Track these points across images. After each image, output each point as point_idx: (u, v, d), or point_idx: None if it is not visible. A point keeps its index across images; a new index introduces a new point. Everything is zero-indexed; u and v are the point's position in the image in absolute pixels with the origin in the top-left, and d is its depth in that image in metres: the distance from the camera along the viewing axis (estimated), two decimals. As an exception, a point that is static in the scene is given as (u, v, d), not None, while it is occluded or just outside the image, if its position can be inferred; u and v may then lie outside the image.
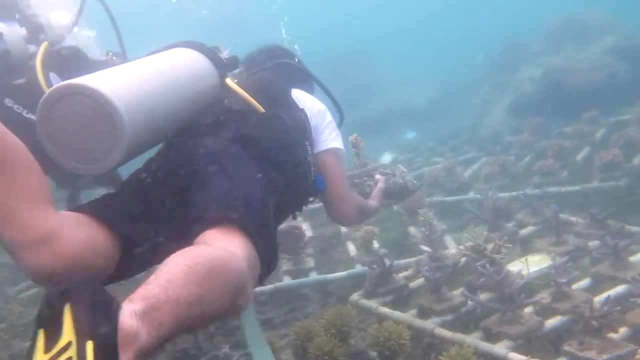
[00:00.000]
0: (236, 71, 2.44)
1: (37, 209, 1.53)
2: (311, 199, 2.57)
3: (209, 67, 2.19)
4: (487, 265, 3.04)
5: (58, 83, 1.75)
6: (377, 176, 3.15)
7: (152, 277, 1.26)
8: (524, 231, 4.33)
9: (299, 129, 2.38)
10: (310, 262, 4.58)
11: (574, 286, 3.21)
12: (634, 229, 3.94)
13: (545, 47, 9.81)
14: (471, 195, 5.76)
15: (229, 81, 2.27)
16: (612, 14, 9.69)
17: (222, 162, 1.92)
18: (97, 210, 1.80)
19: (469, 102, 10.82)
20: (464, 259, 3.59)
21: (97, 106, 1.64)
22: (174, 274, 1.28)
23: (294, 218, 2.59)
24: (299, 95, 2.56)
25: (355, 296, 3.79)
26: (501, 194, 5.35)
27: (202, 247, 1.49)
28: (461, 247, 3.68)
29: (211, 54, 2.23)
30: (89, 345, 0.99)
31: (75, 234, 1.63)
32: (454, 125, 10.74)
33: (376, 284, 3.76)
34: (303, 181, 2.36)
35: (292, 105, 2.46)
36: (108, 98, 1.63)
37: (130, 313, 1.11)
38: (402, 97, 14.73)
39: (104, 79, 1.73)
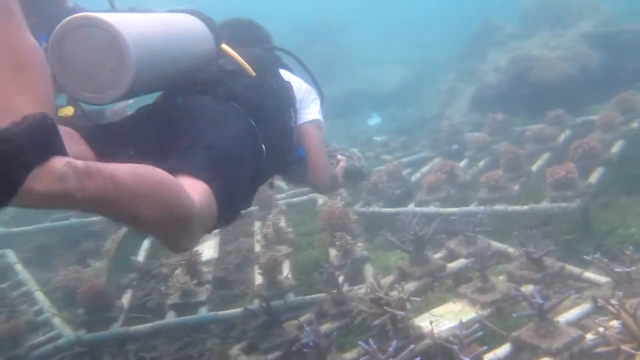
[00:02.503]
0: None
1: (33, 100, 1.54)
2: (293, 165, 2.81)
3: (206, 32, 2.41)
4: (371, 341, 2.47)
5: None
6: (339, 156, 3.35)
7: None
8: (453, 266, 3.78)
9: (285, 96, 2.66)
10: (202, 295, 4.00)
11: (488, 356, 2.67)
12: (574, 270, 3.43)
13: (519, 30, 9.19)
14: (410, 207, 5.19)
15: (225, 46, 2.50)
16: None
17: (209, 115, 2.13)
18: (88, 133, 2.01)
19: (440, 86, 10.21)
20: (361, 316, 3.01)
21: (109, 38, 1.83)
22: (124, 166, 1.44)
23: (271, 187, 2.99)
24: (285, 73, 2.85)
25: (235, 350, 3.23)
26: (440, 209, 4.87)
27: (163, 171, 1.60)
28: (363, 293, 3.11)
29: (209, 21, 2.46)
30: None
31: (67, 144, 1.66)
32: (420, 112, 10.18)
33: (260, 336, 3.20)
34: (286, 144, 2.62)
35: (279, 76, 2.74)
36: (120, 32, 1.83)
37: (67, 161, 1.25)
38: (371, 77, 14.09)
39: (117, 17, 1.91)
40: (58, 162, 1.23)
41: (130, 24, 1.92)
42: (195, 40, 2.34)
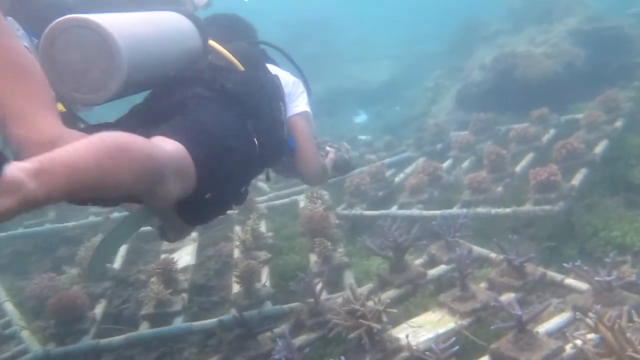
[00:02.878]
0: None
1: (49, 116, 1.65)
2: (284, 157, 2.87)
3: (192, 29, 2.43)
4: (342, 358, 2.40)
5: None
6: (328, 148, 3.41)
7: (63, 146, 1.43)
8: (434, 272, 3.73)
9: (274, 90, 2.72)
10: (177, 304, 3.91)
11: (466, 370, 2.62)
12: (556, 277, 3.38)
13: (506, 26, 9.14)
14: (393, 210, 5.13)
15: (212, 42, 2.53)
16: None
17: (200, 102, 2.19)
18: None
19: (426, 83, 10.13)
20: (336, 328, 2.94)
21: (100, 40, 1.87)
22: (81, 143, 1.45)
23: (268, 179, 3.15)
24: (272, 67, 2.88)
25: (207, 365, 3.16)
26: (423, 212, 4.82)
27: (120, 133, 1.61)
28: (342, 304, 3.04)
29: (194, 18, 2.48)
30: None
31: None
32: (407, 110, 10.12)
33: (234, 349, 3.12)
34: (277, 137, 2.66)
35: (266, 70, 2.77)
36: (110, 33, 1.86)
37: (19, 168, 1.27)
38: (358, 74, 13.99)
39: (107, 18, 1.93)
40: (10, 170, 1.25)
41: (119, 25, 1.96)
42: (182, 38, 2.37)
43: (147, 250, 5.67)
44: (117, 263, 4.88)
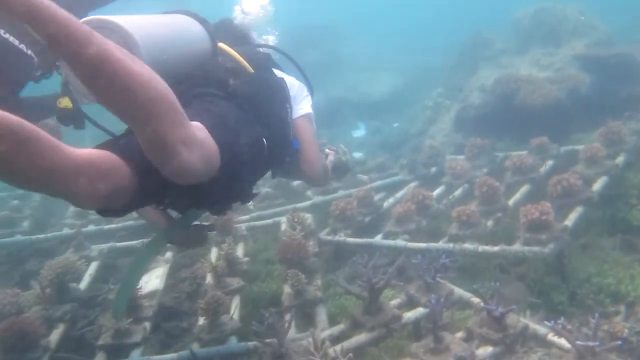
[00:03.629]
0: None
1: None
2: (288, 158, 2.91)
3: (202, 32, 2.51)
4: None
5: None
6: (327, 150, 3.50)
7: None
8: (410, 315, 3.53)
9: (281, 92, 2.79)
10: (137, 335, 3.72)
11: None
12: (539, 330, 3.18)
13: (511, 45, 8.94)
14: (377, 239, 4.93)
15: (222, 45, 2.61)
16: (590, 10, 8.83)
17: (212, 102, 2.27)
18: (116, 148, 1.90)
19: (426, 101, 9.93)
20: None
21: (120, 40, 1.91)
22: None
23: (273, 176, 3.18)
24: (277, 72, 2.92)
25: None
26: (408, 244, 4.61)
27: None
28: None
29: (204, 22, 2.55)
30: None
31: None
32: (406, 126, 9.93)
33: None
34: (283, 138, 2.73)
35: (273, 73, 2.84)
36: (130, 34, 1.95)
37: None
38: (360, 85, 13.81)
39: (126, 19, 2.01)
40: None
41: (137, 26, 2.04)
42: (194, 40, 2.45)
43: (121, 266, 5.50)
44: (84, 282, 4.69)
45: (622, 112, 6.40)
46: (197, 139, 1.82)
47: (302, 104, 3.01)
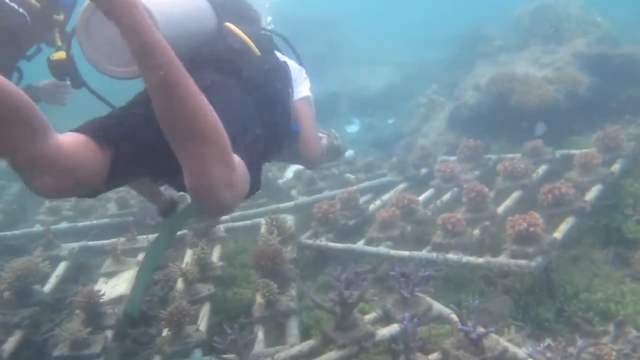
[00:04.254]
0: None
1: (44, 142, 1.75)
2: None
3: (210, 9, 2.52)
4: None
5: None
6: (320, 134, 3.44)
7: None
8: (385, 332, 3.36)
9: (285, 75, 2.80)
10: (96, 345, 3.54)
11: None
12: (519, 354, 3.00)
13: (510, 42, 8.71)
14: (359, 245, 4.76)
15: (230, 24, 2.58)
16: (593, 7, 8.59)
17: (224, 92, 2.25)
18: (101, 131, 1.99)
19: (420, 98, 9.71)
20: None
21: None
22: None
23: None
24: (278, 54, 2.93)
25: None
26: (390, 252, 4.44)
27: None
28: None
29: (214, 2, 2.55)
30: None
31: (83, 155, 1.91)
32: (400, 123, 9.72)
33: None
34: (285, 123, 2.76)
35: (276, 56, 2.85)
36: (150, 11, 1.96)
37: None
38: (357, 78, 13.58)
39: None
40: None
41: (155, 2, 2.05)
42: (203, 18, 2.45)
43: (94, 266, 5.34)
44: (50, 283, 4.52)
45: (622, 115, 6.21)
46: (239, 181, 1.91)
47: (302, 87, 3.06)
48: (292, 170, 7.26)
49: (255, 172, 2.14)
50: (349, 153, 8.30)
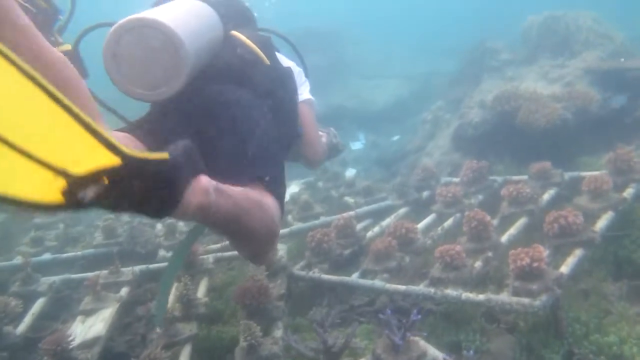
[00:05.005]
0: None
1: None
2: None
3: (216, 18, 2.47)
4: None
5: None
6: (320, 132, 3.44)
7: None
8: (371, 384, 3.11)
9: (292, 82, 2.80)
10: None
11: None
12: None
13: (518, 55, 8.46)
14: (354, 278, 4.52)
15: (236, 33, 2.55)
16: (606, 18, 8.32)
17: (246, 110, 2.28)
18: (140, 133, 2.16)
19: (425, 114, 9.47)
20: None
21: (166, 39, 2.01)
22: (236, 189, 1.79)
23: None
24: (280, 56, 2.89)
25: None
26: (386, 286, 4.20)
27: (256, 191, 1.96)
28: None
29: (217, 7, 2.49)
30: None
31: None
32: (407, 139, 9.49)
33: None
34: (293, 129, 2.78)
35: (280, 61, 2.81)
36: (177, 33, 2.01)
37: (208, 179, 1.55)
38: (364, 92, 13.39)
39: (168, 15, 2.07)
40: (204, 179, 1.50)
41: (178, 22, 2.06)
42: (213, 28, 2.43)
43: (78, 300, 5.15)
44: (24, 323, 4.33)
45: (636, 134, 5.93)
46: (278, 228, 2.04)
47: (302, 89, 3.10)
48: (289, 193, 7.06)
49: (282, 198, 2.20)
50: (351, 172, 8.10)
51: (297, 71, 3.06)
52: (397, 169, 8.02)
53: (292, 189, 7.28)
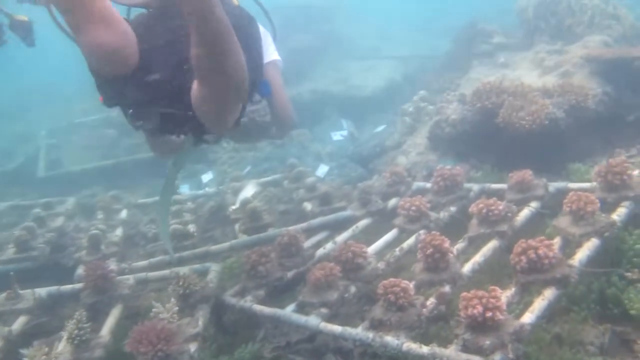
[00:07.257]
0: None
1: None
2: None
3: None
4: None
5: None
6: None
7: None
8: None
9: (256, 29, 3.39)
10: None
11: None
12: None
13: (514, 39, 7.75)
14: (287, 311, 3.98)
15: None
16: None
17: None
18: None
19: (406, 105, 8.78)
20: None
21: None
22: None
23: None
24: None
25: None
26: (320, 325, 3.64)
27: None
28: None
29: None
30: None
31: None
32: (389, 131, 8.82)
33: None
34: (260, 69, 3.33)
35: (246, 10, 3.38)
36: None
37: None
38: (352, 77, 12.67)
39: None
40: None
41: None
42: None
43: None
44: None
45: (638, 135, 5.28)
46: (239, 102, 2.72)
47: (270, 50, 3.51)
48: (243, 194, 6.49)
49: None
50: (322, 170, 7.48)
51: (263, 30, 3.57)
52: (375, 167, 7.40)
53: (251, 189, 6.70)
